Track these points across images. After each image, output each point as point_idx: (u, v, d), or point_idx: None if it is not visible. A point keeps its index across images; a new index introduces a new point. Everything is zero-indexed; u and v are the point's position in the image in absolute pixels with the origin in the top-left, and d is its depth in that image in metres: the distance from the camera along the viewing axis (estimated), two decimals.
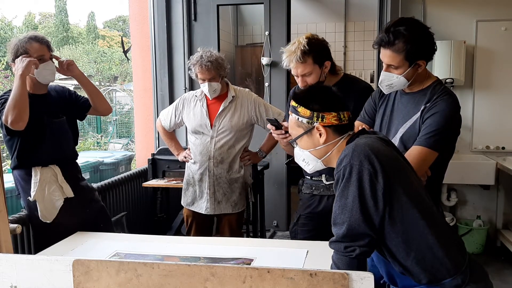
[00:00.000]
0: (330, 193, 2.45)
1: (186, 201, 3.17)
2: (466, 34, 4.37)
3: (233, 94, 3.04)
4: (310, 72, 2.34)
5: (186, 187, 3.17)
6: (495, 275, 3.97)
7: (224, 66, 2.96)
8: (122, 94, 15.70)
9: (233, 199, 3.07)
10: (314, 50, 2.32)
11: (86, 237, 2.42)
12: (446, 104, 1.90)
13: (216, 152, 3.01)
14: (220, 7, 4.85)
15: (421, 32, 1.91)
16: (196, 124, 3.04)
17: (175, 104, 3.19)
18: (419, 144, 1.89)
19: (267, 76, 4.79)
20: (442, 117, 1.88)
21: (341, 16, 6.80)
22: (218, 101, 3.04)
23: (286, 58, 2.34)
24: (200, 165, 3.05)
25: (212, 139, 3.01)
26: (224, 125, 3.00)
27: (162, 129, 3.28)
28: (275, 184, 4.83)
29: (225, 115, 3.02)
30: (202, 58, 2.88)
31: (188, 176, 3.16)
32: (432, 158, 1.89)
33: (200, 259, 2.10)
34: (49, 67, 2.47)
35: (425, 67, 1.97)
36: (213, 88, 2.95)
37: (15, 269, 1.53)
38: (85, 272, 1.44)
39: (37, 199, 2.47)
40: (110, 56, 20.61)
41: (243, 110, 3.04)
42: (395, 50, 1.90)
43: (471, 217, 4.57)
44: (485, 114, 4.47)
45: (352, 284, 1.35)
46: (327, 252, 2.14)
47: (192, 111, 3.07)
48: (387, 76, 1.98)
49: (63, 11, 24.80)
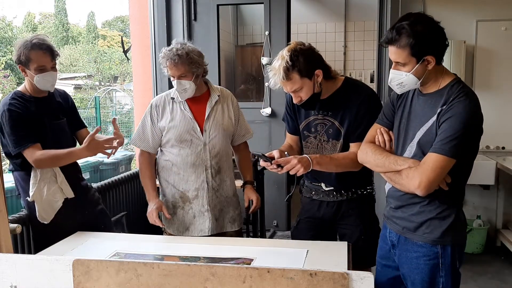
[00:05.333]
0: (330, 199, 2.40)
1: (176, 229, 2.61)
2: (466, 34, 4.38)
3: (219, 94, 2.63)
4: (300, 87, 2.19)
5: (173, 211, 2.61)
6: (495, 275, 3.97)
7: (198, 63, 2.48)
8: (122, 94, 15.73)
9: (230, 214, 2.66)
10: (299, 63, 2.13)
11: (86, 237, 2.42)
12: (462, 106, 1.80)
13: (213, 160, 2.56)
14: (220, 7, 4.86)
15: (425, 26, 1.83)
16: (182, 131, 2.53)
17: (146, 114, 2.61)
18: (434, 151, 1.81)
19: (267, 76, 4.77)
20: (458, 121, 1.79)
21: (341, 16, 6.80)
22: (200, 103, 2.59)
23: (272, 77, 2.20)
24: (195, 179, 2.57)
25: (206, 146, 2.55)
26: (216, 128, 2.57)
27: (144, 160, 2.63)
28: (275, 184, 4.83)
29: (214, 117, 2.58)
30: (171, 51, 2.44)
31: (173, 198, 2.61)
32: (449, 165, 1.81)
33: (200, 259, 2.10)
34: (48, 78, 2.44)
35: (436, 64, 1.88)
36: (183, 87, 2.46)
37: (15, 269, 1.53)
38: (85, 272, 1.44)
39: (35, 199, 2.47)
40: (110, 56, 20.62)
41: (229, 110, 2.65)
42: (400, 46, 1.84)
43: (471, 217, 4.57)
44: (485, 114, 4.35)
45: (352, 284, 1.35)
46: (327, 252, 2.15)
47: (170, 116, 2.56)
48: (396, 75, 1.92)
49: (62, 11, 24.83)
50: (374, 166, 2.04)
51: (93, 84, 18.58)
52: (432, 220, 1.93)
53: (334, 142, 2.34)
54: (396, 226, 2.05)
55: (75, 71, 20.21)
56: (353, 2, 6.75)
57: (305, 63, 2.15)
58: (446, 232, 1.91)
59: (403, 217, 2.01)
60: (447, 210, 1.92)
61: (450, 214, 1.92)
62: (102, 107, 12.28)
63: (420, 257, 1.96)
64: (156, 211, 2.48)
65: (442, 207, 1.92)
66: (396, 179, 1.94)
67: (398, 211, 2.03)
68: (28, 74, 2.43)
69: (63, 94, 2.72)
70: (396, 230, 2.05)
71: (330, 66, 2.28)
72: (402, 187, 1.92)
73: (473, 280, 3.87)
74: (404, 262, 2.02)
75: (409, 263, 2.00)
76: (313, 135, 2.39)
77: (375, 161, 2.02)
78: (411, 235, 1.98)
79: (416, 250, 1.97)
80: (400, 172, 1.91)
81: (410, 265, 1.99)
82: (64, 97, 2.70)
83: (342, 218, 2.41)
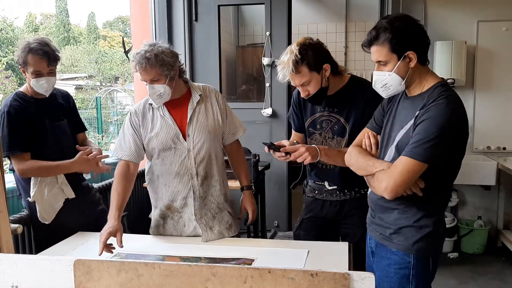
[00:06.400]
0: (333, 198, 2.41)
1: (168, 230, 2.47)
2: (467, 35, 4.37)
3: (200, 93, 2.41)
4: (308, 81, 2.20)
5: (163, 222, 2.46)
6: (496, 276, 3.97)
7: (171, 64, 2.25)
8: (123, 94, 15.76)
9: (225, 220, 2.47)
10: (308, 57, 2.16)
11: (87, 237, 2.42)
12: (438, 109, 1.72)
13: (199, 167, 2.37)
14: (221, 7, 4.86)
15: (404, 22, 1.80)
16: (164, 140, 2.34)
17: (125, 122, 2.44)
18: (404, 154, 1.74)
19: (268, 77, 4.79)
20: (432, 124, 1.71)
21: (342, 16, 6.79)
22: (180, 105, 2.39)
23: (281, 71, 2.21)
24: (182, 188, 2.39)
25: (190, 153, 2.35)
26: (200, 132, 2.36)
27: (120, 172, 2.36)
28: (276, 184, 4.83)
29: (197, 119, 2.37)
30: (139, 54, 2.22)
31: (161, 210, 2.45)
32: (419, 169, 1.73)
33: (201, 259, 2.10)
34: (43, 84, 2.43)
35: (419, 64, 1.82)
36: (156, 91, 2.27)
37: (16, 269, 1.53)
38: (86, 272, 1.45)
39: (36, 200, 2.47)
40: (111, 57, 20.67)
41: (214, 108, 2.43)
42: (379, 43, 1.81)
43: (472, 218, 4.57)
44: (486, 114, 4.47)
45: (353, 284, 1.35)
46: (328, 252, 2.15)
47: (151, 125, 2.37)
48: (379, 76, 1.87)
49: (63, 11, 24.88)
50: (356, 169, 1.98)
51: (94, 84, 18.62)
52: (408, 228, 1.86)
53: (339, 139, 2.35)
54: (375, 232, 1.99)
55: (76, 72, 20.26)
56: (354, 2, 6.74)
57: (313, 57, 2.18)
58: (421, 241, 1.84)
59: (381, 223, 1.96)
60: (424, 219, 1.84)
61: (427, 223, 1.84)
62: (103, 108, 12.32)
63: (391, 265, 1.89)
64: (108, 236, 2.16)
65: (419, 214, 1.85)
66: (370, 181, 1.90)
67: (376, 217, 1.99)
68: (27, 76, 2.45)
69: (65, 95, 2.73)
70: (375, 236, 2.00)
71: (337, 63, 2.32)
72: (374, 190, 1.88)
73: (474, 280, 3.87)
74: (377, 269, 1.97)
75: (380, 270, 1.94)
76: (318, 132, 2.40)
77: (357, 164, 1.97)
78: (386, 242, 1.92)
79: (388, 257, 1.91)
80: (373, 175, 1.86)
81: (381, 273, 1.93)
82: (66, 98, 2.71)
83: (345, 217, 2.42)
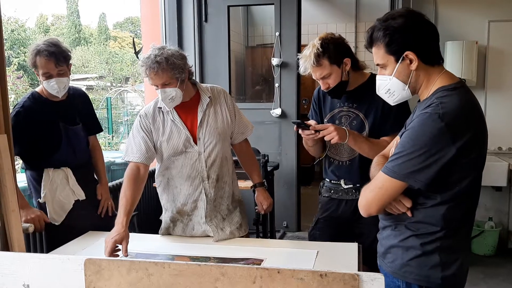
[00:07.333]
0: (348, 197, 2.40)
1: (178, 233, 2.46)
2: (478, 35, 4.34)
3: (209, 95, 2.39)
4: (329, 74, 2.24)
5: (173, 225, 2.46)
6: (507, 278, 3.94)
7: (181, 67, 2.22)
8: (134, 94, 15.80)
9: (235, 220, 2.47)
10: (329, 50, 2.22)
11: (97, 236, 2.44)
12: (420, 119, 1.53)
13: (210, 170, 2.36)
14: (231, 8, 4.88)
15: (402, 19, 1.60)
16: (176, 145, 2.33)
17: (135, 126, 2.39)
18: (381, 169, 1.60)
19: (277, 77, 4.79)
20: (409, 136, 1.54)
21: (351, 16, 6.78)
22: (189, 108, 2.36)
23: (302, 64, 2.25)
24: (193, 190, 2.38)
25: (200, 156, 2.34)
26: (210, 135, 2.35)
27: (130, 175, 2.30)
28: (285, 185, 4.83)
29: (207, 122, 2.36)
30: (149, 59, 2.19)
31: (172, 213, 2.45)
32: (391, 186, 1.55)
33: (210, 259, 2.11)
34: (54, 85, 2.43)
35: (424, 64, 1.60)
36: (169, 95, 2.23)
37: (28, 268, 1.54)
38: (96, 271, 1.45)
39: (46, 200, 2.49)
40: (122, 57, 20.76)
41: (223, 110, 2.42)
42: (375, 45, 1.66)
43: (482, 219, 4.53)
44: (497, 114, 4.43)
45: (362, 285, 1.35)
46: (337, 253, 2.14)
47: (162, 129, 2.35)
48: (381, 81, 1.70)
49: (75, 12, 25.03)
50: (371, 177, 1.76)
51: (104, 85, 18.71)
52: (395, 248, 1.67)
53: None
54: (379, 248, 1.80)
55: (86, 72, 20.37)
56: (364, 2, 6.73)
57: (335, 51, 2.24)
58: (408, 265, 1.63)
59: (379, 239, 1.80)
60: (411, 239, 1.62)
61: (415, 244, 1.61)
62: (113, 108, 12.38)
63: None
64: (113, 244, 2.11)
65: (406, 234, 1.63)
66: None
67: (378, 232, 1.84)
68: (40, 78, 2.46)
69: (82, 95, 2.72)
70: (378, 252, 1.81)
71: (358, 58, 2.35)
72: None
73: (485, 282, 3.84)
74: None
75: None
76: None
77: (371, 173, 1.80)
78: (380, 261, 1.76)
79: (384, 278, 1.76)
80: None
81: None
82: (83, 98, 2.71)
83: (360, 216, 2.39)
